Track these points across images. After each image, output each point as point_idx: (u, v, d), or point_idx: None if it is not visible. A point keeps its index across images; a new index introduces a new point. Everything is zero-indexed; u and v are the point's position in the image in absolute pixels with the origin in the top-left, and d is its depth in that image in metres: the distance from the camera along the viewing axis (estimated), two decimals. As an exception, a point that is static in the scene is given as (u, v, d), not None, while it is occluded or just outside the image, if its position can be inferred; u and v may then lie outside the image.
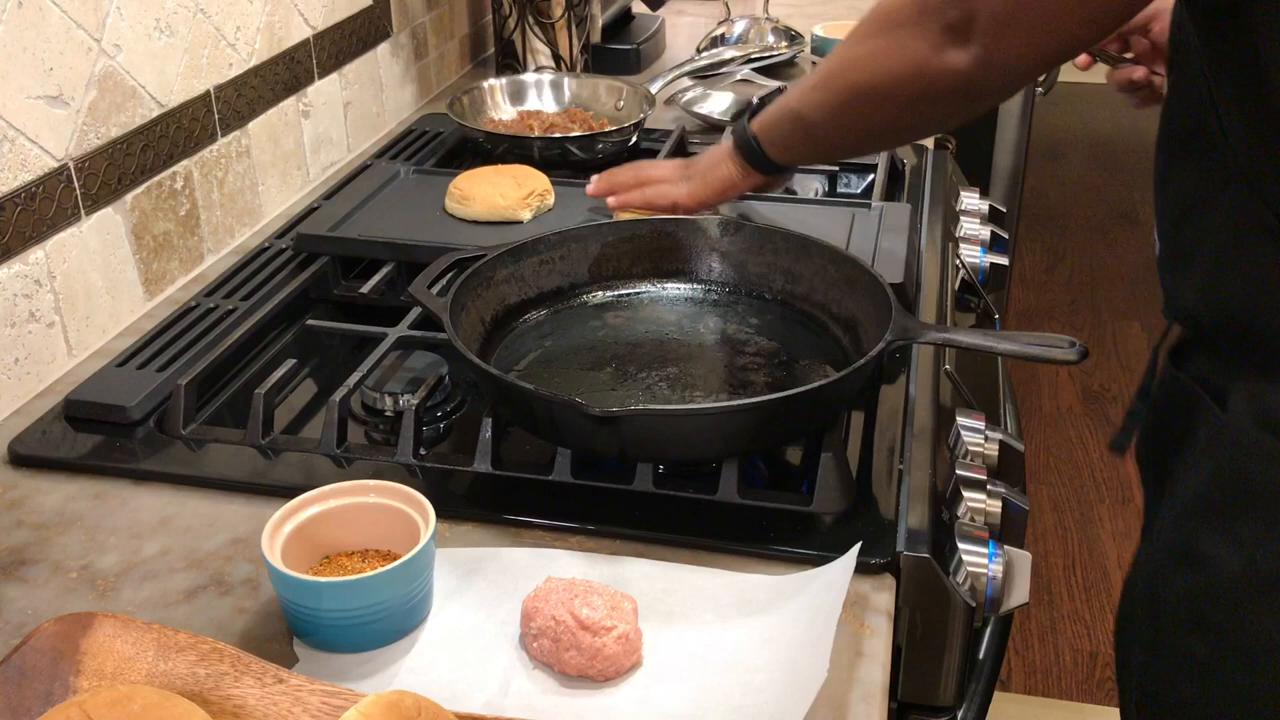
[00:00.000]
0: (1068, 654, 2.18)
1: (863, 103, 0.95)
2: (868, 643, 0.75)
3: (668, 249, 1.08)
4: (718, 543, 0.82)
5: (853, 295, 0.99)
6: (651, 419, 0.83)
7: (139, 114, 1.12)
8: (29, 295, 1.00)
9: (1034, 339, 0.89)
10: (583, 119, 1.52)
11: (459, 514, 0.86)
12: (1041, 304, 3.31)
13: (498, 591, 0.78)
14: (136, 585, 0.80)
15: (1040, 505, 2.56)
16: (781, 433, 0.90)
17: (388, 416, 0.99)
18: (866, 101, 0.95)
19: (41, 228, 1.00)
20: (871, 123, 0.98)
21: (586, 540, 0.83)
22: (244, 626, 0.76)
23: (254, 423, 0.93)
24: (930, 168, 1.46)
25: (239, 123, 1.27)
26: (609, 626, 0.70)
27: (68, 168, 1.03)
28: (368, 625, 0.73)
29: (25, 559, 0.83)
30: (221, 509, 0.88)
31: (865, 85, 0.94)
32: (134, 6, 1.09)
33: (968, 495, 0.88)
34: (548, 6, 1.69)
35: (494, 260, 1.01)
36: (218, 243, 1.26)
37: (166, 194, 1.17)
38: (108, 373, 1.01)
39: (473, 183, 1.24)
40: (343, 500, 0.78)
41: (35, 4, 0.97)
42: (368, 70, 1.55)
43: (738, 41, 1.90)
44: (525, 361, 0.99)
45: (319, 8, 1.41)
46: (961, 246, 1.33)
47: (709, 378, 0.97)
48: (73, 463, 0.92)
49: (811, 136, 1.04)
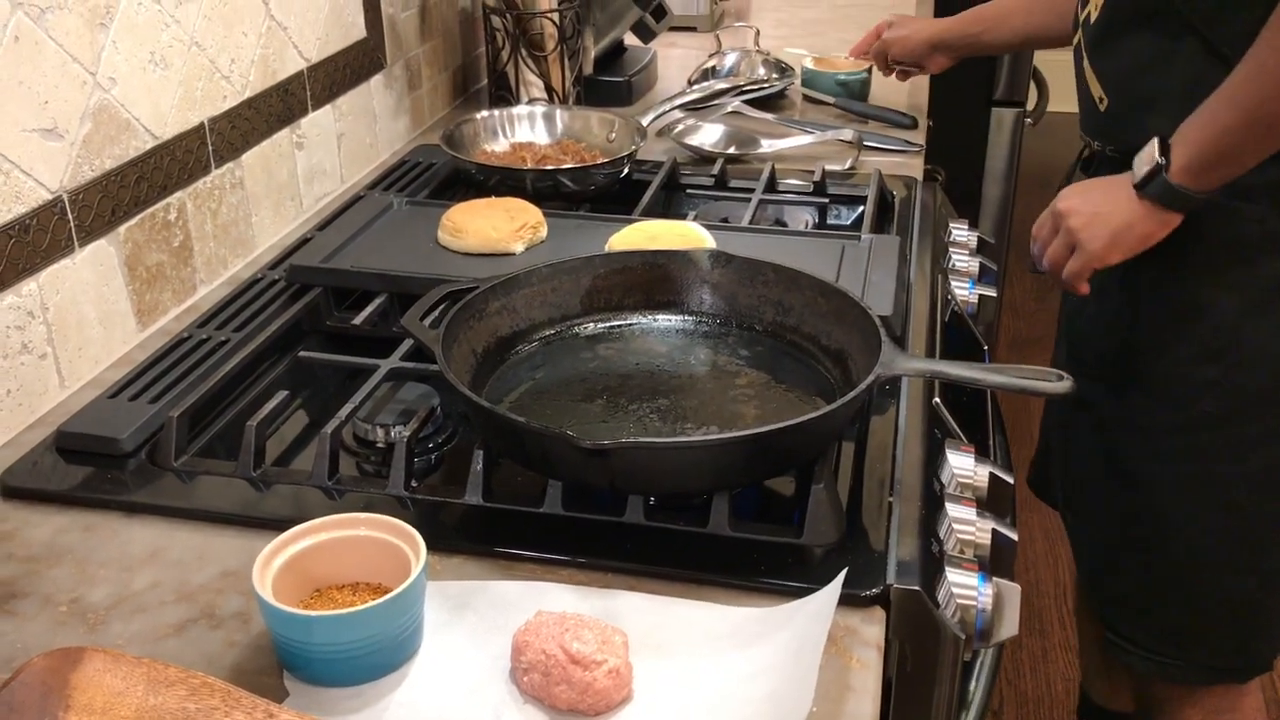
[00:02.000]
0: (1059, 683, 2.18)
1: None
2: (857, 676, 0.75)
3: (659, 281, 1.09)
4: (709, 575, 0.82)
5: (842, 327, 1.00)
6: (642, 452, 0.83)
7: (133, 146, 1.12)
8: (21, 327, 1.00)
9: (1022, 372, 0.89)
10: (575, 151, 1.53)
11: (450, 546, 0.86)
12: (1032, 333, 3.32)
13: (488, 625, 0.78)
14: (127, 618, 0.80)
15: (1031, 533, 2.56)
16: (772, 465, 0.90)
17: (379, 448, 1.00)
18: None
19: (35, 259, 1.01)
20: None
21: (577, 573, 0.83)
22: (234, 660, 0.76)
23: (245, 455, 0.93)
24: (919, 200, 1.47)
25: (233, 154, 1.28)
26: (600, 661, 0.71)
27: (61, 200, 1.03)
28: (358, 659, 0.73)
29: (15, 592, 0.82)
30: (212, 541, 0.88)
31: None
32: (129, 40, 1.10)
33: (957, 527, 0.89)
34: (540, 39, 1.70)
35: (486, 292, 1.02)
36: (211, 274, 1.26)
37: (160, 225, 1.17)
38: (100, 404, 1.01)
39: (465, 215, 1.25)
40: (334, 533, 0.78)
41: (31, 37, 0.98)
42: (361, 102, 1.56)
43: (729, 74, 1.91)
44: (517, 393, 0.99)
45: (313, 40, 1.42)
46: (951, 279, 1.34)
47: (700, 409, 0.97)
48: (64, 495, 0.92)
49: (1240, 159, 1.10)
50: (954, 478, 0.95)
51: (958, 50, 1.68)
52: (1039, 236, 1.26)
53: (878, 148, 1.66)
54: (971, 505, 0.91)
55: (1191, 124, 1.10)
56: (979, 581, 0.83)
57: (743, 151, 1.62)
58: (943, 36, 1.68)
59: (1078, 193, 1.21)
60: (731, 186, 1.51)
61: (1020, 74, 2.86)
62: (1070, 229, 1.19)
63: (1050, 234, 1.23)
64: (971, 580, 0.83)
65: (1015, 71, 2.84)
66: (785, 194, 1.50)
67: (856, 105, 1.80)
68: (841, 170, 1.55)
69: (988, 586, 0.84)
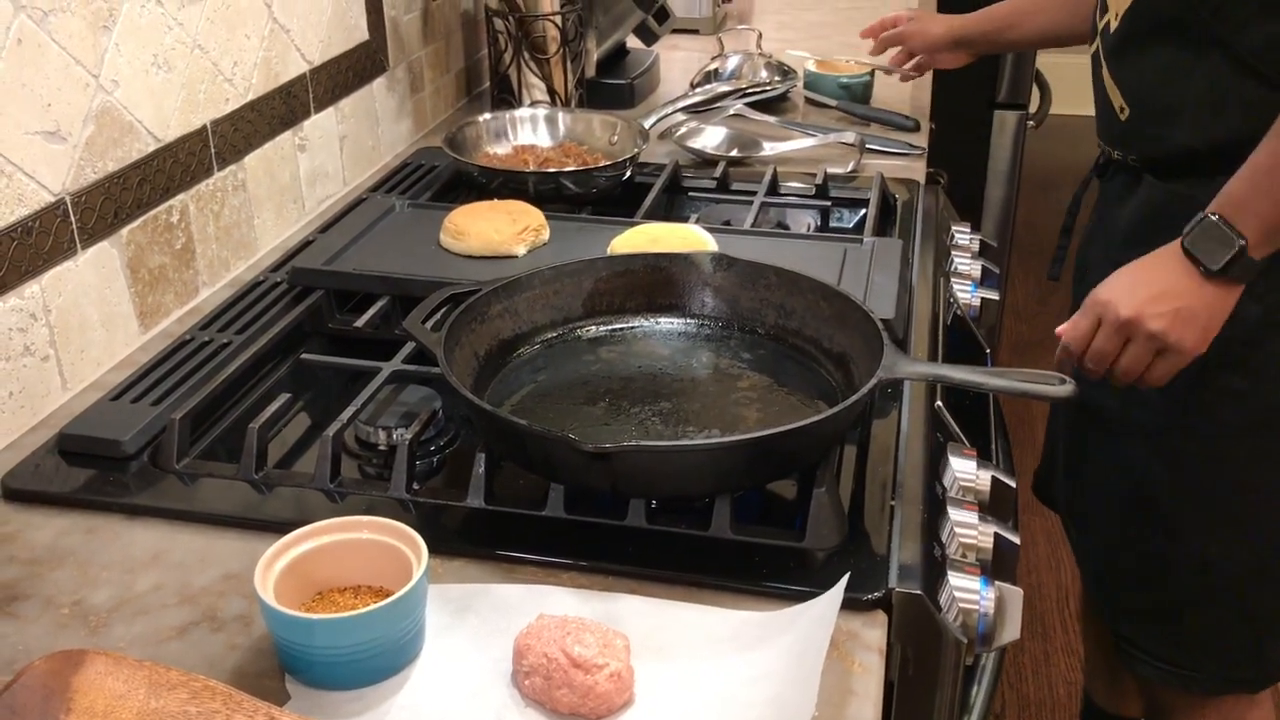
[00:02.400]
0: (1061, 687, 2.17)
1: None
2: (859, 680, 0.75)
3: (661, 284, 1.09)
4: (710, 579, 0.82)
5: (844, 331, 1.00)
6: (644, 455, 0.83)
7: (136, 149, 1.12)
8: (24, 329, 1.00)
9: (1025, 375, 0.89)
10: (577, 154, 1.53)
11: (452, 549, 0.86)
12: (1035, 336, 3.31)
13: (490, 628, 0.78)
14: (128, 621, 0.80)
15: (1033, 536, 2.56)
16: (774, 469, 0.90)
17: (381, 451, 1.00)
18: None
19: (37, 262, 1.01)
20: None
21: (579, 576, 0.83)
22: (236, 663, 0.76)
23: (248, 457, 0.93)
24: (921, 203, 1.47)
25: (235, 157, 1.28)
26: (601, 664, 0.71)
27: (64, 202, 1.03)
28: (360, 662, 0.73)
29: (17, 594, 0.82)
30: (214, 544, 0.88)
31: None
32: (132, 43, 1.10)
33: (959, 531, 0.89)
34: (543, 42, 1.70)
35: (488, 295, 1.02)
36: (213, 276, 1.26)
37: (162, 228, 1.17)
38: (102, 406, 1.01)
39: (468, 218, 1.25)
40: (336, 536, 0.78)
41: (34, 41, 0.98)
42: (364, 104, 1.56)
43: (731, 77, 1.91)
44: (519, 396, 0.99)
45: (315, 43, 1.42)
46: (953, 282, 1.34)
47: (702, 413, 0.97)
48: (66, 497, 0.92)
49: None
50: (956, 481, 0.95)
51: (978, 46, 1.67)
52: (1076, 338, 1.13)
53: (880, 150, 1.66)
54: (973, 509, 0.91)
55: (1249, 193, 1.05)
56: (981, 585, 0.83)
57: (745, 154, 1.62)
58: (964, 31, 1.67)
59: (1132, 290, 1.09)
60: (733, 189, 1.51)
61: (1023, 76, 2.85)
62: (1154, 334, 1.08)
63: (1110, 341, 1.11)
64: (973, 584, 0.83)
65: (1018, 74, 2.84)
66: (787, 197, 1.50)
67: (859, 108, 1.80)
68: (844, 173, 1.55)
69: (990, 590, 0.84)
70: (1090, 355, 1.13)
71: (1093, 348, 1.12)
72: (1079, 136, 4.85)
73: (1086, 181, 1.38)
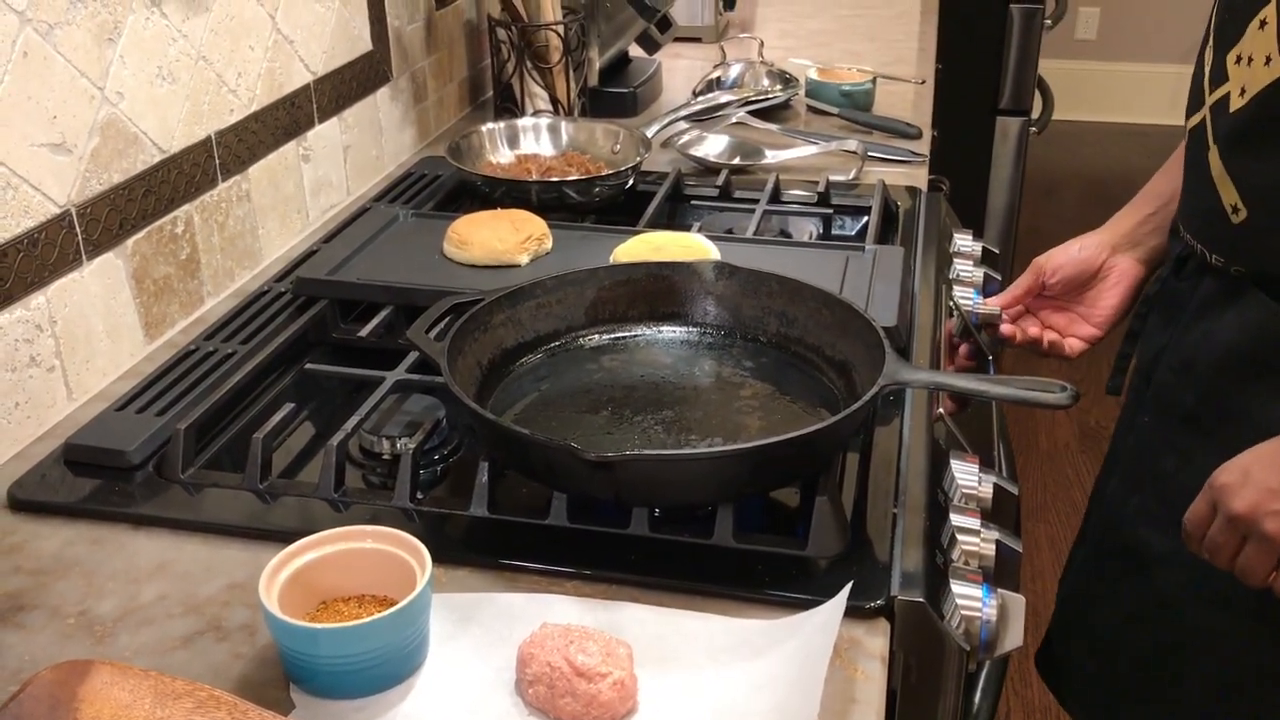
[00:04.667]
0: (1066, 693, 2.17)
1: None
2: (862, 688, 0.75)
3: (663, 292, 1.09)
4: (713, 587, 0.83)
5: (846, 339, 1.00)
6: (647, 464, 0.83)
7: (140, 160, 1.13)
8: (30, 340, 1.01)
9: (1026, 383, 0.90)
10: (580, 162, 1.53)
11: (455, 558, 0.86)
12: (1037, 341, 3.31)
13: (493, 637, 0.78)
14: (134, 631, 0.80)
15: (1037, 543, 2.56)
16: (776, 477, 0.90)
17: (385, 460, 1.00)
18: None
19: (43, 273, 1.01)
20: None
21: (582, 585, 0.84)
22: (241, 672, 0.76)
23: (252, 467, 0.94)
24: (924, 210, 1.48)
25: (239, 167, 1.29)
26: (604, 673, 0.71)
27: (70, 214, 1.04)
28: (364, 671, 0.73)
29: (23, 605, 0.83)
30: (219, 554, 0.88)
31: None
32: (137, 55, 1.11)
33: (961, 538, 0.89)
34: (545, 51, 1.71)
35: (491, 304, 1.02)
36: (218, 286, 1.27)
37: (167, 238, 1.18)
38: (107, 417, 1.01)
39: (471, 227, 1.26)
40: (340, 546, 0.78)
41: (40, 53, 0.99)
42: (367, 114, 1.56)
43: (733, 85, 1.92)
44: (521, 405, 1.00)
45: (319, 53, 1.43)
46: (955, 289, 1.34)
47: (704, 421, 0.97)
48: (71, 507, 0.93)
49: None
50: (958, 488, 0.96)
51: (1136, 240, 1.21)
52: (1194, 522, 0.95)
53: (882, 158, 1.66)
54: (976, 516, 0.91)
55: None
56: (983, 593, 0.83)
57: (747, 162, 1.63)
58: (1118, 234, 1.22)
59: (1249, 478, 0.90)
60: (736, 197, 1.51)
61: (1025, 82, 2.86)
62: (1270, 536, 0.89)
63: (1224, 534, 0.92)
64: (976, 591, 0.83)
65: (1020, 80, 2.84)
66: (789, 205, 1.50)
67: (861, 116, 1.81)
68: (846, 181, 1.55)
69: (992, 598, 0.84)
70: (1207, 547, 0.94)
71: (1208, 538, 0.94)
72: (1081, 142, 4.87)
73: (1160, 278, 1.14)
